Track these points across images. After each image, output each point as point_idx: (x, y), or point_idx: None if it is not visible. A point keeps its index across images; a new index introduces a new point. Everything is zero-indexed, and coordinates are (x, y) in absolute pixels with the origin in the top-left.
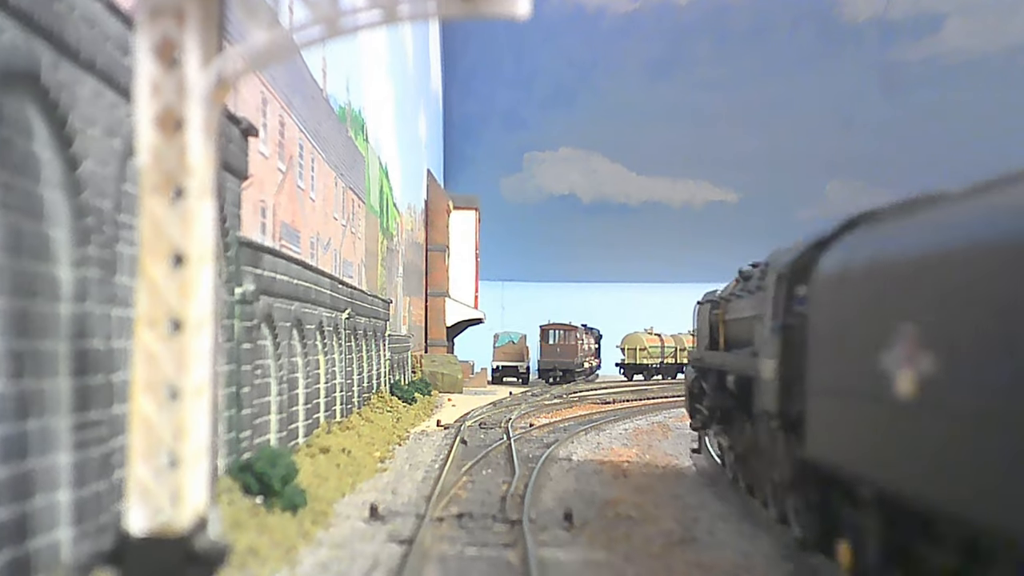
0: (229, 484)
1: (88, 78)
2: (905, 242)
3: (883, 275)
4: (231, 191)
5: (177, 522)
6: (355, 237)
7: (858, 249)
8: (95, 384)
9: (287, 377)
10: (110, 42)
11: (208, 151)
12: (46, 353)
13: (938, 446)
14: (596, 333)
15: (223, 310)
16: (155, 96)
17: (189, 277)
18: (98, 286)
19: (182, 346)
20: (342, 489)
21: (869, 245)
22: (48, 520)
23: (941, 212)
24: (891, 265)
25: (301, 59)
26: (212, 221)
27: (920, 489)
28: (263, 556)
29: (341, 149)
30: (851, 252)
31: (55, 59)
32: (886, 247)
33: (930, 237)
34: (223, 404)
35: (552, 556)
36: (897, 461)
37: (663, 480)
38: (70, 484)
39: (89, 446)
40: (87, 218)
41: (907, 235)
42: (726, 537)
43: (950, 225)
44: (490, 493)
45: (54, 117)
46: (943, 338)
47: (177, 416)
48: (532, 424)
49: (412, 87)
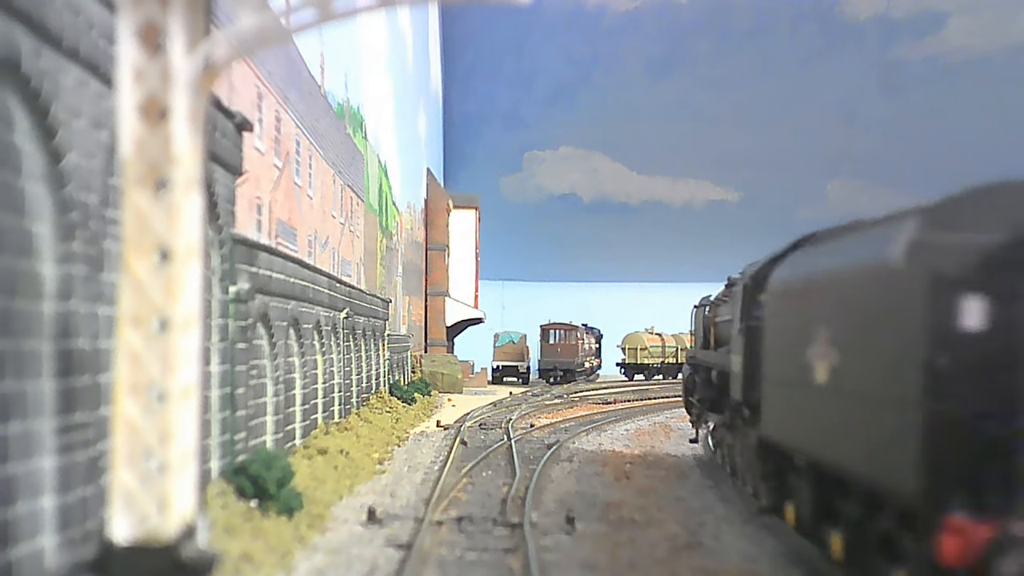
0: (223, 487)
1: (72, 67)
2: (821, 262)
3: (807, 287)
4: (225, 187)
5: (163, 530)
6: (353, 236)
7: (796, 266)
8: (81, 385)
9: (284, 378)
10: (95, 29)
11: (195, 141)
12: (28, 353)
13: (841, 421)
14: (597, 333)
15: (217, 309)
16: (138, 83)
17: (175, 273)
18: (83, 284)
19: (168, 346)
20: (339, 492)
21: (803, 263)
22: (31, 527)
23: (845, 239)
24: (812, 280)
25: (298, 53)
26: (199, 214)
27: (833, 456)
28: (257, 562)
29: (339, 146)
30: (791, 268)
31: (36, 46)
32: (811, 265)
33: (833, 259)
34: (217, 405)
35: (554, 561)
36: (818, 435)
37: (666, 482)
38: (54, 489)
39: (75, 450)
40: (71, 213)
41: (823, 256)
42: (731, 541)
43: (843, 251)
44: (490, 495)
45: (36, 107)
46: (840, 337)
47: (163, 419)
48: (533, 425)
49: (412, 85)
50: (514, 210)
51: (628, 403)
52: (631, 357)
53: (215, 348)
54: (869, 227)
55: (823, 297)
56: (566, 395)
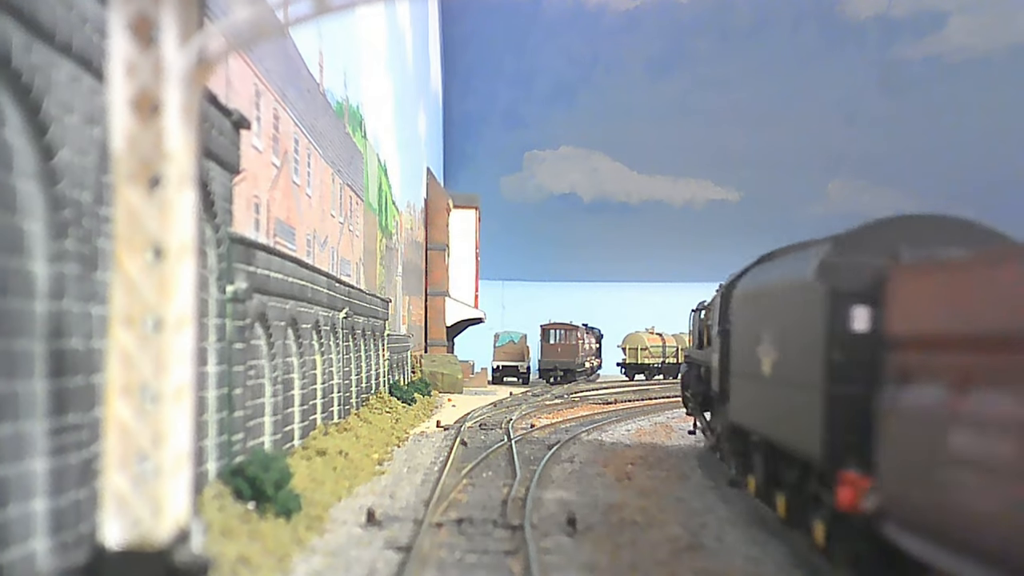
0: (220, 489)
1: (64, 62)
2: (768, 276)
3: (757, 297)
4: (222, 185)
5: (156, 534)
6: (353, 235)
7: (753, 278)
8: (74, 386)
9: (282, 378)
10: (88, 24)
11: (188, 136)
12: (20, 353)
13: (780, 406)
14: (597, 333)
15: (215, 308)
16: (130, 77)
17: (168, 272)
18: (77, 283)
19: (161, 346)
20: (338, 493)
21: (757, 276)
22: (22, 530)
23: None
24: (760, 290)
25: (296, 51)
26: (193, 212)
27: (777, 434)
28: (255, 565)
29: (338, 145)
30: (750, 280)
31: (27, 40)
32: (762, 278)
33: (775, 274)
34: (214, 406)
35: (555, 563)
36: (766, 418)
37: (667, 483)
38: (46, 492)
39: (67, 452)
40: (64, 210)
41: (771, 271)
42: (734, 543)
43: (783, 268)
44: (491, 497)
45: (27, 102)
46: (777, 337)
47: (156, 421)
48: (533, 425)
49: (412, 84)
50: (514, 210)
51: (629, 403)
52: (631, 357)
53: (212, 348)
54: (803, 249)
55: (767, 305)
56: (566, 395)
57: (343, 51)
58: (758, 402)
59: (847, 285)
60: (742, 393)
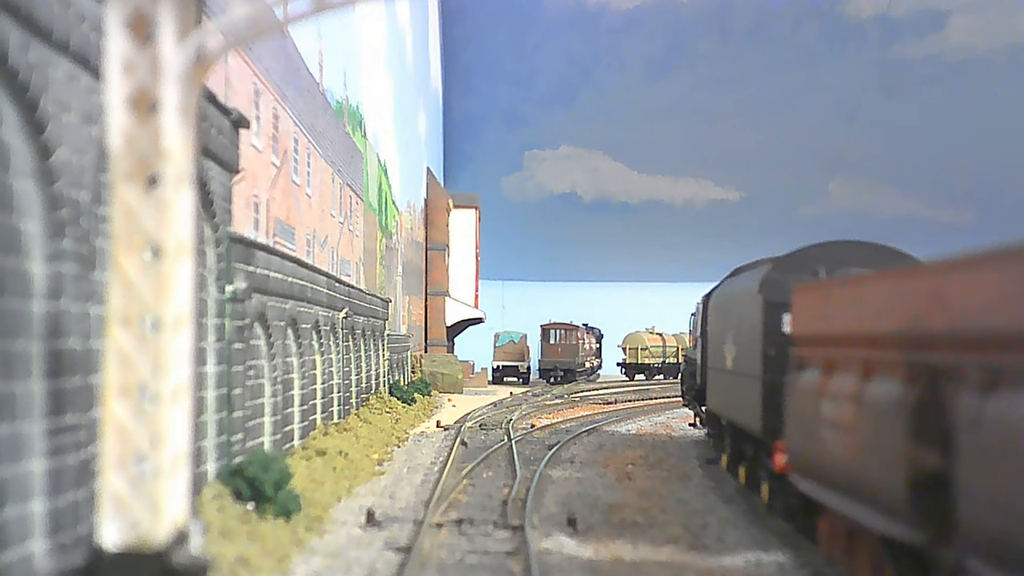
0: (219, 490)
1: (62, 60)
2: (732, 287)
3: (723, 304)
4: (221, 184)
5: (154, 536)
6: (353, 235)
7: (724, 288)
8: (72, 387)
9: (282, 378)
10: (86, 22)
11: (186, 135)
12: (17, 353)
13: (738, 393)
14: (597, 333)
15: (214, 308)
16: (127, 75)
17: (166, 272)
18: (74, 282)
19: (159, 346)
20: (338, 493)
21: (726, 286)
22: (20, 531)
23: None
24: (725, 299)
25: (296, 50)
26: (191, 211)
27: (737, 417)
28: (254, 566)
29: (338, 145)
30: (722, 290)
31: (24, 39)
32: (728, 288)
33: (736, 286)
34: (213, 406)
35: (556, 563)
36: (730, 404)
37: (668, 483)
38: (44, 493)
39: (65, 452)
40: (61, 210)
41: (734, 283)
42: (736, 544)
43: (741, 280)
44: (491, 497)
45: (24, 101)
46: (735, 337)
47: (154, 421)
48: (533, 425)
49: (412, 84)
50: (514, 209)
51: (629, 403)
52: (632, 357)
53: (211, 348)
54: (756, 266)
55: (730, 311)
56: (567, 395)
57: (343, 51)
58: (724, 391)
59: (778, 296)
60: (714, 384)
